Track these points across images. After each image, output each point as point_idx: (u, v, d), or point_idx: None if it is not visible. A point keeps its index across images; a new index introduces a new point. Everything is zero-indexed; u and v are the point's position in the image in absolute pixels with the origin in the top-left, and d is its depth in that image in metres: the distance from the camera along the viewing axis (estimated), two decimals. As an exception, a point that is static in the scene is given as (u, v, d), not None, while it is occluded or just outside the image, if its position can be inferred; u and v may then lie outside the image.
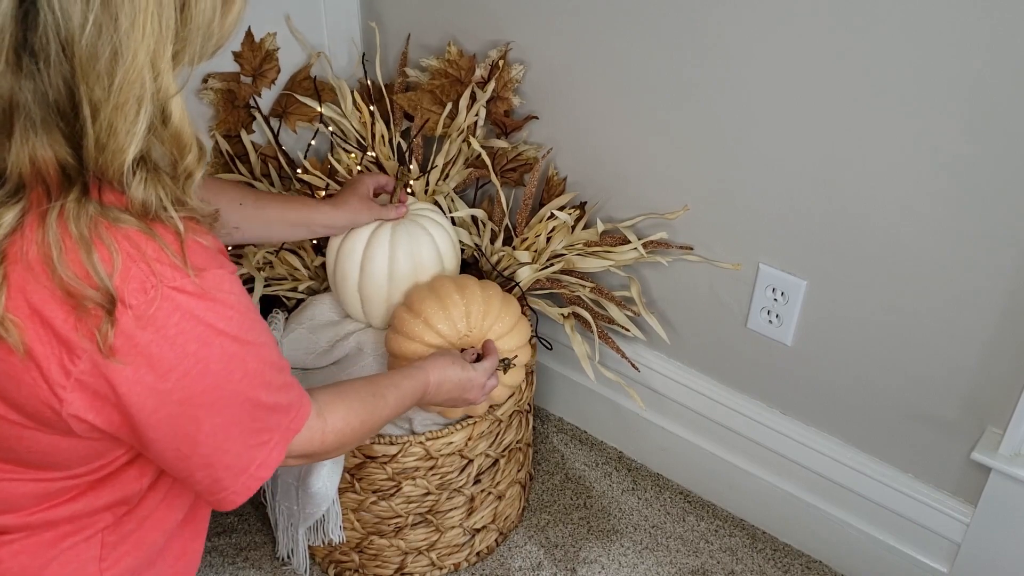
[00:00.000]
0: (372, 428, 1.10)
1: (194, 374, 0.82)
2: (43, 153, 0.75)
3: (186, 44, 0.76)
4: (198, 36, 0.77)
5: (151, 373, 0.80)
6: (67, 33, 0.70)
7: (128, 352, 0.79)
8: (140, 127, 0.75)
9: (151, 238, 0.80)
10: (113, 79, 0.72)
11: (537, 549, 1.62)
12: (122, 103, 0.73)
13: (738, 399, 1.57)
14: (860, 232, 1.29)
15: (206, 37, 0.78)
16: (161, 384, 0.81)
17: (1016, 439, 1.27)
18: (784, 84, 1.26)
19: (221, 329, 0.83)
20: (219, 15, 0.78)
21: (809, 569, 1.59)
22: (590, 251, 1.51)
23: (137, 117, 0.75)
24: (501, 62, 1.51)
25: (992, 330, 1.24)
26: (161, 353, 0.80)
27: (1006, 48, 1.07)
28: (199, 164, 0.83)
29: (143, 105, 0.74)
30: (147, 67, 0.73)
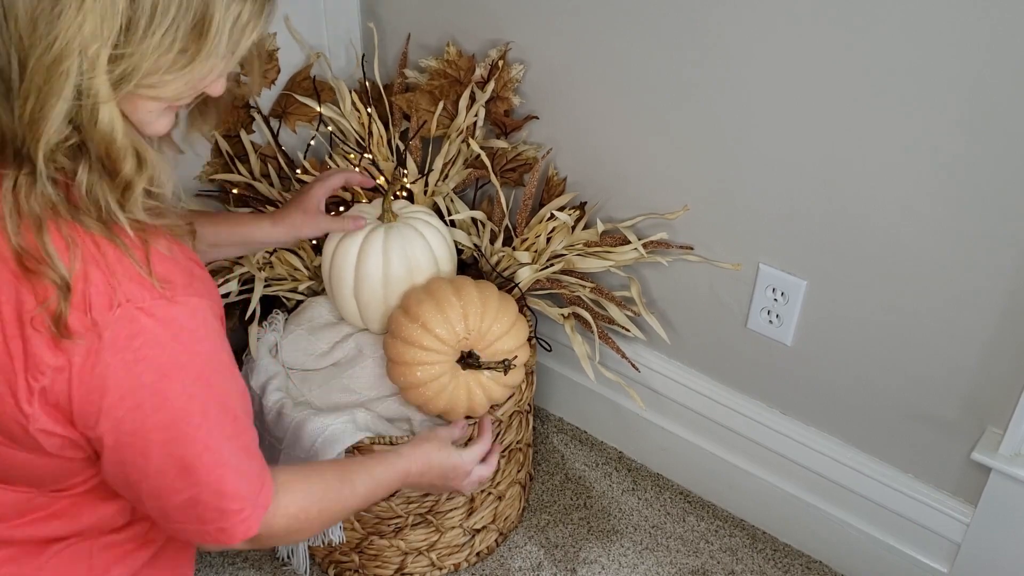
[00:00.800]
0: (333, 517, 1.03)
1: (147, 407, 0.80)
2: None
3: (127, 59, 0.75)
4: (143, 60, 0.75)
5: (105, 397, 0.78)
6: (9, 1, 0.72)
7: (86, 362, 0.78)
8: (59, 111, 0.74)
9: (112, 242, 0.78)
10: (43, 51, 0.73)
11: (537, 549, 1.62)
12: (46, 79, 0.73)
13: (738, 399, 1.57)
14: (860, 232, 1.29)
15: (153, 68, 0.76)
16: (112, 411, 0.79)
17: (1016, 439, 1.27)
18: (784, 84, 1.26)
19: (184, 363, 0.80)
20: (172, 54, 0.77)
21: (809, 569, 1.59)
22: (590, 251, 1.51)
23: (57, 101, 0.74)
24: (501, 62, 1.51)
25: (992, 330, 1.24)
26: (116, 378, 0.78)
27: (1006, 48, 1.07)
28: (138, 176, 0.80)
29: (64, 91, 0.74)
30: (77, 54, 0.73)
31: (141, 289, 0.78)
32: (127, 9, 0.73)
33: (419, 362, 1.32)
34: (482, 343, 1.35)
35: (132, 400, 0.79)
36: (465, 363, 1.34)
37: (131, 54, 0.75)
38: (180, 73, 0.78)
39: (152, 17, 0.74)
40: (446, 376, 1.33)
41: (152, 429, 0.81)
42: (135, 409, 0.80)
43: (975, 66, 1.10)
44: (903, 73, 1.15)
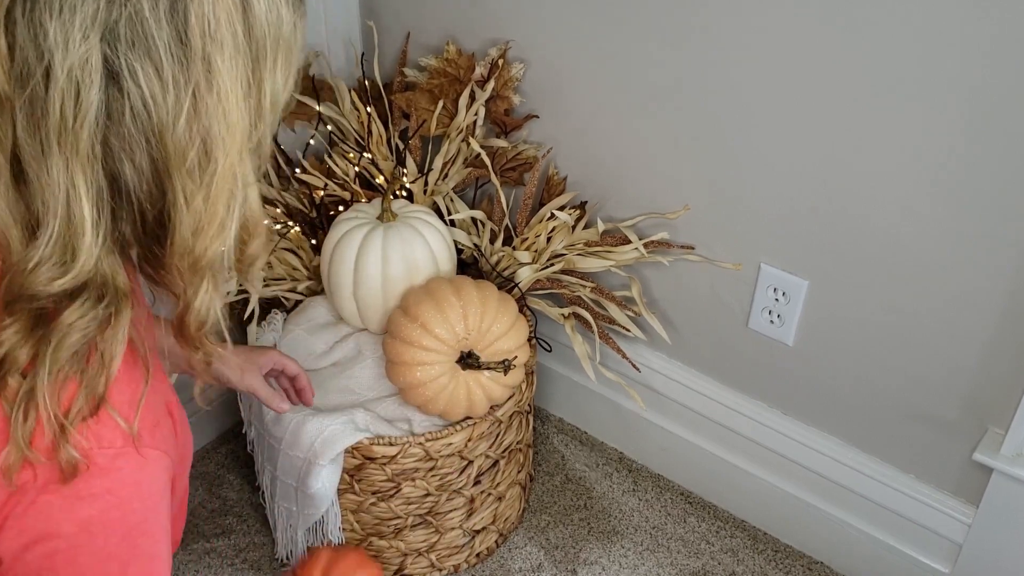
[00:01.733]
0: None
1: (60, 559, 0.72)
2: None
3: (264, 134, 0.71)
4: (272, 116, 0.71)
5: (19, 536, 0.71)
6: (159, 123, 0.64)
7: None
8: (233, 220, 0.69)
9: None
10: (204, 173, 0.66)
11: (537, 550, 1.62)
12: (216, 196, 0.67)
13: (739, 399, 1.57)
14: (861, 232, 1.29)
15: (275, 116, 0.72)
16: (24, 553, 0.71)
17: (1018, 439, 1.26)
18: (785, 84, 1.25)
19: (113, 519, 0.72)
20: (286, 89, 0.72)
21: (810, 570, 1.59)
22: (590, 251, 1.50)
23: (229, 210, 0.69)
24: (501, 61, 1.51)
25: (993, 330, 1.24)
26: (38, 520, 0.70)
27: (1007, 48, 1.06)
28: (265, 249, 0.76)
29: (234, 198, 0.69)
30: (239, 147, 0.67)
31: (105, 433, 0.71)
32: (250, 72, 0.67)
33: (419, 362, 1.32)
34: (482, 343, 1.34)
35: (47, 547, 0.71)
36: (465, 363, 1.34)
37: (263, 124, 0.70)
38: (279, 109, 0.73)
39: (271, 72, 0.69)
40: (446, 376, 1.33)
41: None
42: (47, 557, 0.72)
43: (975, 66, 1.10)
44: (903, 73, 1.15)
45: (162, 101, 0.63)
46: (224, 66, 0.64)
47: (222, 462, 1.74)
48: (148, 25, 0.61)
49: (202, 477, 1.70)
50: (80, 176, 0.63)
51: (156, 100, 0.63)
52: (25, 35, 0.60)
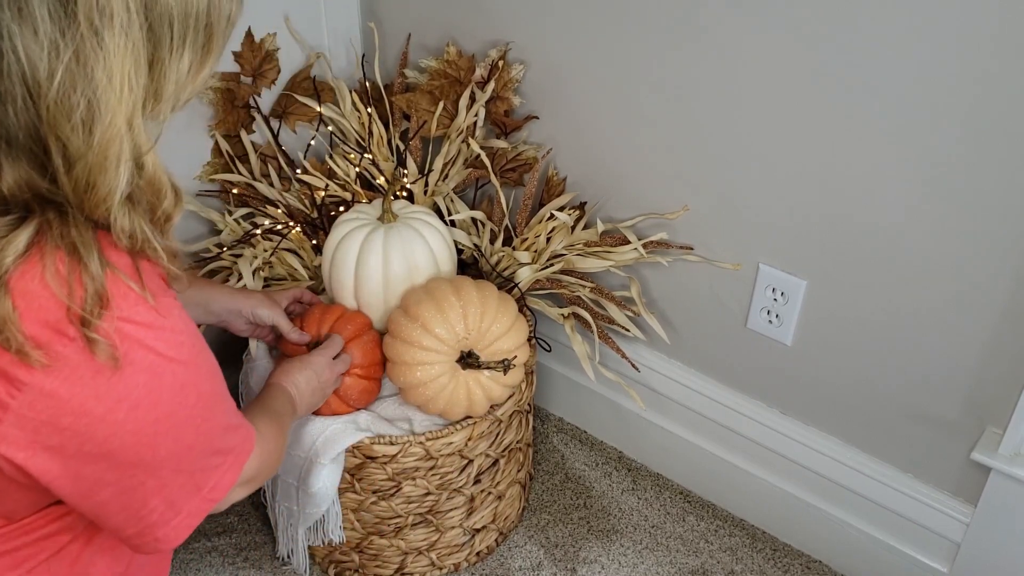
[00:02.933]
0: (283, 447, 1.11)
1: (146, 404, 0.81)
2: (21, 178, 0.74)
3: (160, 101, 0.76)
4: (172, 95, 0.77)
5: (99, 403, 0.78)
6: (33, 80, 0.69)
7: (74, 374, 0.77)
8: (120, 181, 0.75)
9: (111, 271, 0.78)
10: (92, 135, 0.71)
11: (537, 549, 1.62)
12: (101, 160, 0.73)
13: (738, 399, 1.57)
14: (860, 232, 1.29)
15: (178, 92, 0.77)
16: (111, 415, 0.79)
17: (1016, 439, 1.27)
18: (785, 84, 1.26)
19: (171, 357, 0.82)
20: (193, 71, 0.78)
21: (809, 569, 1.59)
22: (590, 251, 1.51)
23: (117, 172, 0.74)
24: (501, 62, 1.51)
25: (992, 330, 1.24)
26: (112, 384, 0.78)
27: (1007, 47, 1.07)
28: (176, 208, 0.83)
29: (122, 161, 0.74)
30: (124, 126, 0.73)
31: (126, 301, 0.78)
32: (149, 53, 0.73)
33: (419, 362, 1.32)
34: (482, 343, 1.35)
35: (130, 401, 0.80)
36: (465, 363, 1.35)
37: (164, 97, 0.76)
38: (192, 86, 0.79)
39: (171, 53, 0.74)
40: (446, 376, 1.34)
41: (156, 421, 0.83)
42: (133, 409, 0.80)
43: (975, 65, 1.10)
44: (903, 73, 1.15)
45: (37, 61, 0.68)
46: (111, 38, 0.69)
47: (223, 461, 1.75)
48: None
49: (203, 476, 1.71)
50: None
51: (32, 59, 0.68)
52: None
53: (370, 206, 1.48)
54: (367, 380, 1.37)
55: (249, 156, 1.59)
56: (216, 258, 1.51)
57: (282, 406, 1.19)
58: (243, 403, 1.50)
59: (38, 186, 0.74)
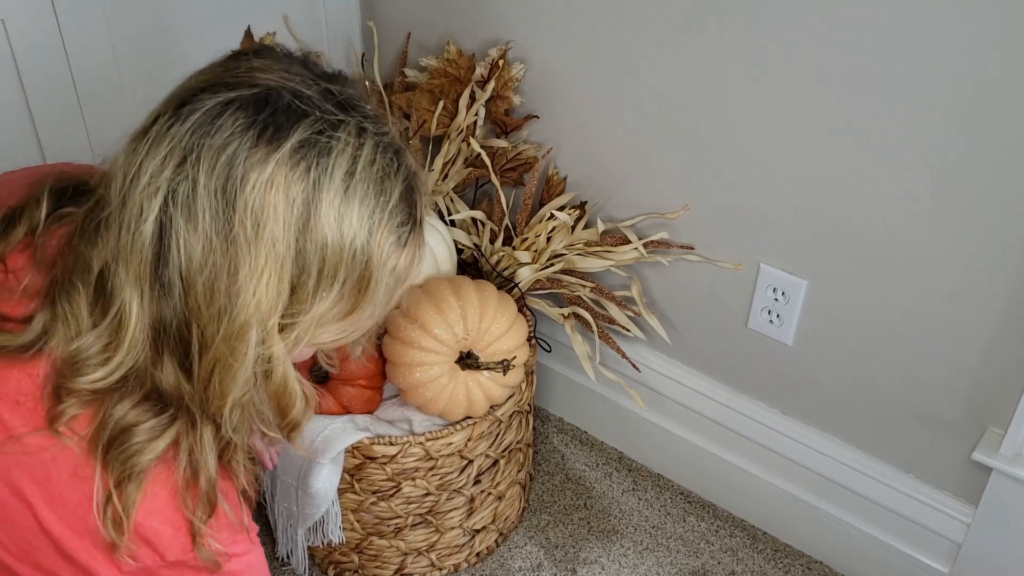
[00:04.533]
0: None
1: None
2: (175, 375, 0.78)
3: (296, 322, 0.78)
4: (310, 321, 0.78)
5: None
6: (188, 273, 0.74)
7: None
8: (241, 377, 0.77)
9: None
10: (224, 326, 0.75)
11: (537, 550, 1.62)
12: (228, 350, 0.76)
13: (739, 399, 1.57)
14: (861, 232, 1.29)
15: (319, 324, 0.79)
16: None
17: (1017, 439, 1.27)
18: (785, 83, 1.25)
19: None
20: (336, 312, 0.79)
21: (810, 569, 1.59)
22: (590, 251, 1.51)
23: (240, 368, 0.77)
24: (501, 61, 1.51)
25: (992, 330, 1.24)
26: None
27: (1008, 47, 1.07)
28: (305, 416, 0.85)
29: (246, 360, 0.76)
30: (255, 326, 0.75)
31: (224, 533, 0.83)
32: (294, 276, 0.76)
33: (418, 363, 1.32)
34: (481, 343, 1.34)
35: None
36: (464, 363, 1.34)
37: (301, 320, 0.78)
38: (342, 323, 0.81)
39: (318, 283, 0.76)
40: (445, 377, 1.33)
41: None
42: None
43: (975, 65, 1.10)
44: (904, 72, 1.15)
45: (193, 254, 0.74)
46: (260, 245, 0.74)
47: (223, 462, 1.74)
48: (199, 193, 0.73)
49: (203, 477, 1.71)
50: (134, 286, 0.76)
51: (190, 253, 0.74)
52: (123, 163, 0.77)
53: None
54: (370, 390, 1.37)
55: (248, 156, 1.59)
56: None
57: None
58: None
59: (183, 386, 0.78)
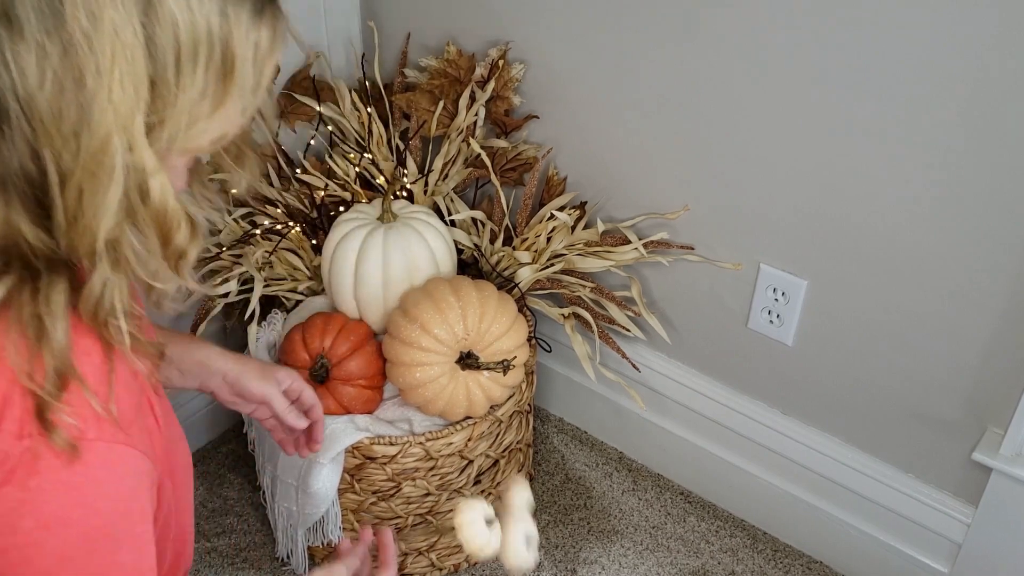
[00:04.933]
0: None
1: (13, 557, 0.70)
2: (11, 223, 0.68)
3: (165, 120, 0.68)
4: (179, 117, 0.69)
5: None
6: (25, 91, 0.64)
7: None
8: (112, 199, 0.67)
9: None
10: (81, 143, 0.66)
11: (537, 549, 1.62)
12: (92, 171, 0.66)
13: (739, 399, 1.57)
14: (861, 232, 1.29)
15: (189, 121, 0.70)
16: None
17: (1017, 439, 1.27)
18: (785, 84, 1.25)
19: (74, 517, 0.70)
20: (207, 104, 0.70)
21: (810, 569, 1.59)
22: (590, 251, 1.51)
23: (109, 188, 0.67)
24: (501, 61, 1.51)
25: (993, 330, 1.24)
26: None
27: (1009, 47, 1.07)
28: (192, 242, 0.74)
29: (115, 176, 0.67)
30: (118, 134, 0.66)
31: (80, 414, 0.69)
32: (150, 68, 0.66)
33: (418, 363, 1.32)
34: (481, 343, 1.35)
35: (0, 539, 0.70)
36: (464, 363, 1.34)
37: (168, 115, 0.68)
38: (213, 119, 0.71)
39: (178, 71, 0.67)
40: (445, 377, 1.33)
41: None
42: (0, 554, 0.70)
43: (975, 65, 1.10)
44: (903, 72, 1.15)
45: (26, 67, 0.64)
46: (101, 41, 0.64)
47: (223, 462, 1.74)
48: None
49: (203, 477, 1.71)
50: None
51: (21, 66, 0.63)
52: None
53: (370, 206, 1.48)
54: (370, 390, 1.37)
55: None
56: (216, 258, 1.51)
57: None
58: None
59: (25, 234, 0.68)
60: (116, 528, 0.73)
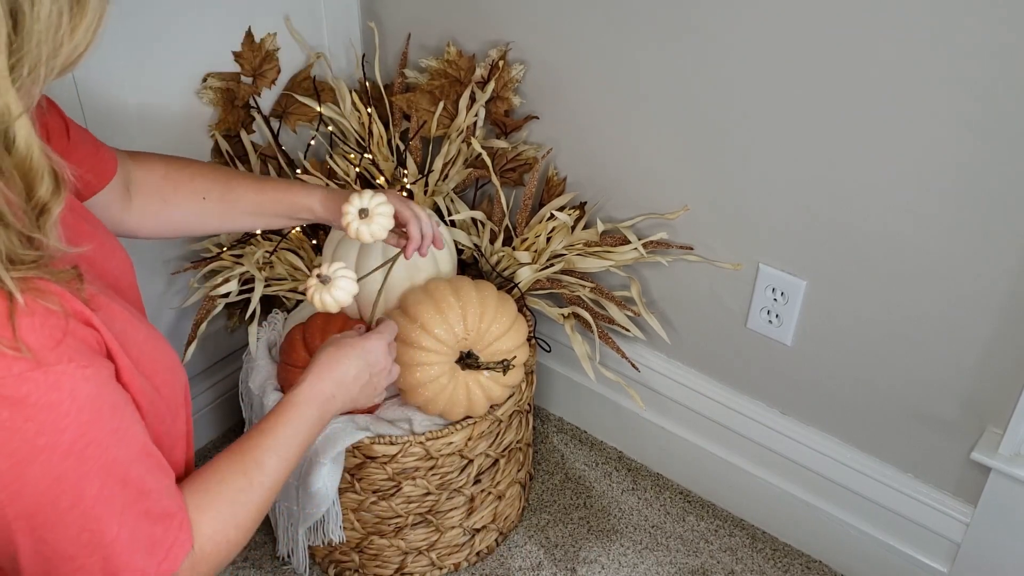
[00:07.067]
0: (256, 517, 0.92)
1: (2, 497, 0.71)
2: None
3: (25, 56, 0.64)
4: (41, 47, 0.65)
5: None
6: None
7: None
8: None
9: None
10: None
11: (537, 549, 1.62)
12: None
13: (738, 399, 1.57)
14: (860, 232, 1.29)
15: (52, 49, 0.66)
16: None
17: (1016, 439, 1.27)
18: (785, 84, 1.26)
19: (43, 444, 0.70)
20: (66, 22, 0.66)
21: (809, 569, 1.59)
22: (590, 251, 1.51)
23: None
24: (501, 62, 1.51)
25: (992, 330, 1.24)
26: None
27: (1010, 47, 1.07)
28: (55, 197, 0.70)
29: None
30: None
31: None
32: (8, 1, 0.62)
33: (418, 363, 1.32)
34: (481, 343, 1.35)
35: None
36: (464, 363, 1.35)
37: (28, 50, 0.64)
38: (73, 37, 0.67)
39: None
40: (445, 377, 1.34)
41: (14, 519, 0.72)
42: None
43: (975, 66, 1.10)
44: (903, 73, 1.15)
45: None
46: None
47: (223, 461, 1.75)
48: None
49: (203, 476, 1.71)
50: None
51: None
52: None
53: (370, 206, 1.48)
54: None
55: (249, 156, 1.59)
56: (216, 258, 1.51)
57: (285, 450, 0.96)
58: (243, 403, 1.50)
59: None
60: (91, 434, 0.73)
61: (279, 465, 0.95)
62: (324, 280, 1.09)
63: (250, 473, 0.92)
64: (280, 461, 0.95)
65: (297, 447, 0.98)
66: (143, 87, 1.42)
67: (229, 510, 0.89)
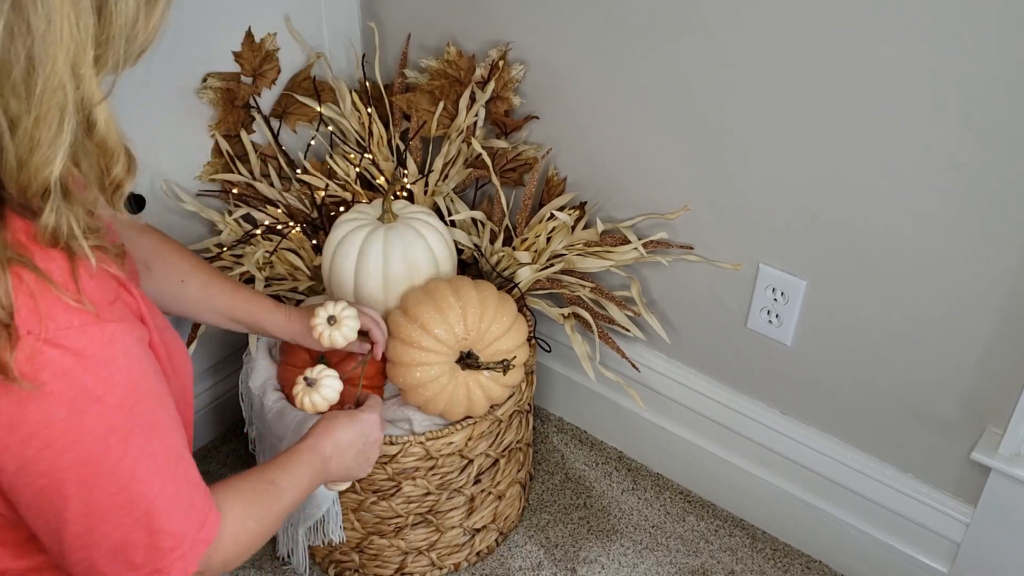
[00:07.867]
0: (270, 526, 0.97)
1: (59, 445, 0.74)
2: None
3: (108, 48, 0.70)
4: (121, 39, 0.71)
5: (11, 434, 0.73)
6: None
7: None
8: (65, 138, 0.69)
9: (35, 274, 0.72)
10: (32, 89, 0.66)
11: (537, 549, 1.62)
12: (44, 114, 0.67)
13: (738, 399, 1.57)
14: (860, 232, 1.29)
15: (130, 40, 0.72)
16: (22, 449, 0.73)
17: (1016, 439, 1.27)
18: (785, 85, 1.26)
19: (98, 395, 0.74)
20: (143, 15, 0.72)
21: (809, 569, 1.59)
22: (590, 251, 1.51)
23: (61, 128, 0.68)
24: (501, 62, 1.51)
25: (992, 330, 1.24)
26: (23, 414, 0.72)
27: (1011, 48, 1.07)
28: (128, 175, 0.77)
29: (66, 115, 0.68)
30: (68, 74, 0.67)
31: (59, 316, 0.72)
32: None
33: (418, 363, 1.32)
34: (481, 343, 1.35)
35: (42, 438, 0.73)
36: (464, 363, 1.35)
37: (108, 38, 0.70)
38: (149, 25, 0.73)
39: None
40: (445, 377, 1.34)
41: (68, 467, 0.75)
42: (45, 448, 0.74)
43: (976, 67, 1.10)
44: (903, 73, 1.15)
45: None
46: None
47: (224, 461, 1.75)
48: None
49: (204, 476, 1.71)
50: None
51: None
52: None
53: (370, 206, 1.48)
54: (370, 390, 1.37)
55: (249, 156, 1.59)
56: (216, 258, 1.51)
57: (295, 478, 1.02)
58: (243, 404, 1.50)
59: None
60: (140, 392, 0.78)
61: (289, 490, 1.01)
62: (311, 383, 1.20)
63: (269, 481, 0.98)
64: (289, 485, 1.01)
65: (301, 481, 1.03)
66: (143, 87, 1.42)
67: (255, 499, 0.95)
